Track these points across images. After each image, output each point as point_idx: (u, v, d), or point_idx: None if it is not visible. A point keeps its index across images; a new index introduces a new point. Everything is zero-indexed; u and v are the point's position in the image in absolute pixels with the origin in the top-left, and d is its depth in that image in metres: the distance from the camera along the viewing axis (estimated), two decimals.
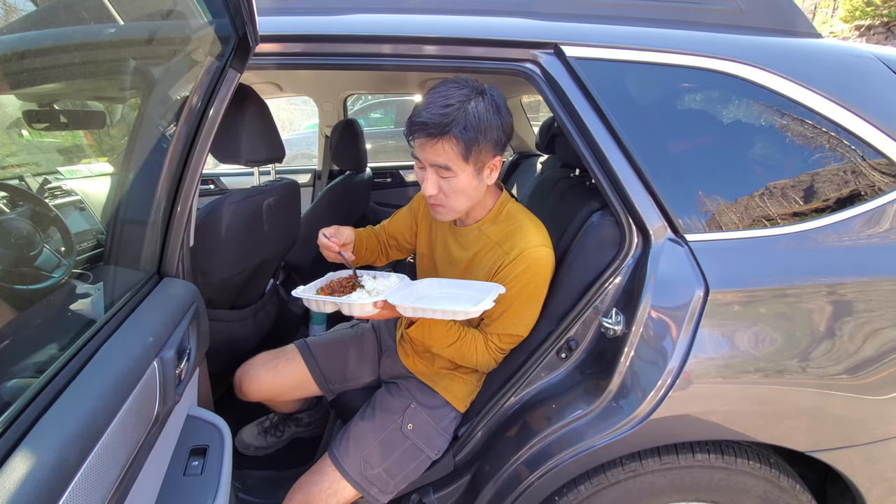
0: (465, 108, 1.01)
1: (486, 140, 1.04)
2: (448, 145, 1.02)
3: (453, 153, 1.03)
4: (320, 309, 1.05)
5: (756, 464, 1.06)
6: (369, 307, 1.01)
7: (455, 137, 1.01)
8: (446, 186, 1.08)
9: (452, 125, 1.00)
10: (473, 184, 1.08)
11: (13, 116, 1.29)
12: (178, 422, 0.93)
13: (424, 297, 1.11)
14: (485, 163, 1.07)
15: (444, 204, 1.11)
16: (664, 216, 1.02)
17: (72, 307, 0.86)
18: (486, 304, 0.95)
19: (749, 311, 0.99)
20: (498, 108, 1.05)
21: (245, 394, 1.38)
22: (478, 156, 1.04)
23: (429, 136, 1.03)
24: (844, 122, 1.02)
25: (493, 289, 1.05)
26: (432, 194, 1.09)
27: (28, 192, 1.34)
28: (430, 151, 1.05)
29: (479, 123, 1.01)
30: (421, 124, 1.03)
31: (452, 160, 1.04)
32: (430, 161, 1.06)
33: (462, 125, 1.01)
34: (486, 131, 1.03)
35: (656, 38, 1.08)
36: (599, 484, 1.07)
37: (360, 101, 6.64)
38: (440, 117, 1.00)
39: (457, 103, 1.01)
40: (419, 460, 1.20)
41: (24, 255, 1.03)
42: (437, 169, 1.06)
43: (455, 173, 1.05)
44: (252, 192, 1.42)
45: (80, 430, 0.54)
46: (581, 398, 1.06)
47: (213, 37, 0.94)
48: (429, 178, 1.08)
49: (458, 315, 0.97)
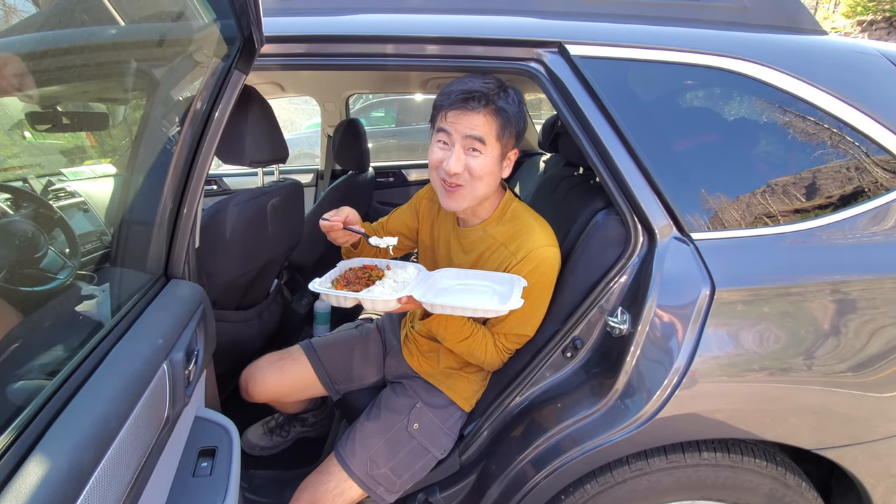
0: (507, 88, 1.06)
1: (514, 127, 1.08)
2: (489, 117, 1.05)
3: (490, 127, 1.05)
4: (340, 304, 1.02)
5: (762, 462, 1.06)
6: (393, 303, 0.99)
7: (496, 110, 1.04)
8: (473, 164, 1.06)
9: (497, 98, 1.04)
10: (495, 169, 1.09)
11: (16, 118, 1.30)
12: (187, 423, 0.93)
13: (445, 290, 1.10)
14: (507, 151, 1.10)
15: (465, 185, 1.09)
16: (669, 215, 1.02)
17: (79, 309, 0.87)
18: (516, 303, 0.94)
19: (755, 309, 0.99)
20: (521, 101, 1.10)
21: (251, 395, 1.38)
22: (506, 140, 1.08)
23: (470, 107, 1.04)
24: (849, 119, 1.02)
25: (512, 280, 1.04)
26: (457, 172, 1.07)
27: (32, 194, 1.34)
28: (468, 121, 1.05)
29: (514, 108, 1.07)
30: (466, 92, 1.04)
31: (488, 134, 1.05)
32: (465, 132, 1.05)
33: (505, 101, 1.05)
34: (516, 117, 1.08)
35: (660, 36, 1.08)
36: (605, 483, 1.07)
37: (361, 100, 6.63)
38: (486, 88, 1.04)
39: (495, 85, 1.06)
40: (425, 460, 1.20)
41: (28, 257, 1.03)
42: (468, 142, 1.06)
43: (485, 151, 1.06)
44: (256, 193, 1.42)
45: (93, 432, 0.54)
46: (587, 397, 1.07)
47: (219, 38, 0.94)
48: (457, 153, 1.06)
49: (488, 313, 0.97)
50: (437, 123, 1.10)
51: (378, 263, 1.18)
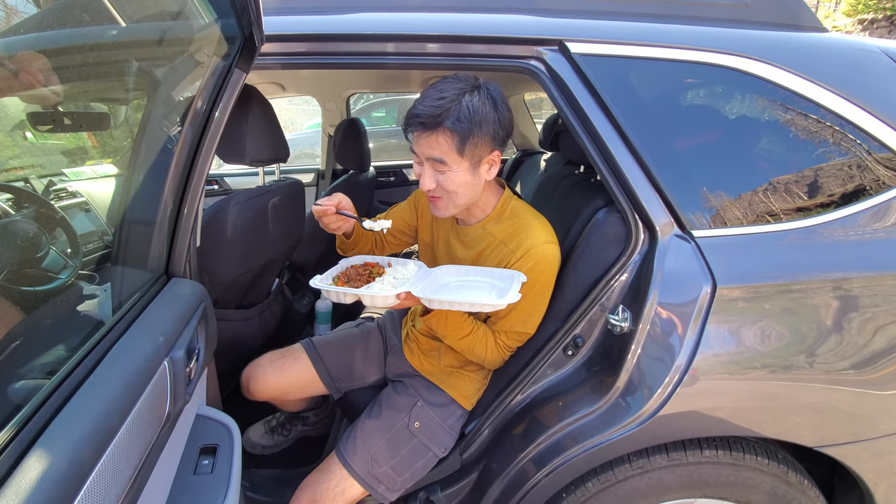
0: (459, 100, 1.01)
1: (482, 133, 1.03)
2: (442, 138, 1.02)
3: (447, 146, 1.03)
4: (340, 300, 1.03)
5: (764, 459, 1.06)
6: (392, 299, 1.00)
7: (449, 130, 1.01)
8: (443, 180, 1.07)
9: (445, 117, 1.01)
10: (469, 179, 1.08)
11: (17, 118, 1.30)
12: (188, 421, 0.93)
13: (445, 286, 1.10)
14: (482, 157, 1.07)
15: (443, 198, 1.11)
16: (670, 212, 1.02)
17: (81, 308, 0.87)
18: (513, 297, 0.94)
19: (756, 306, 0.99)
20: (494, 102, 1.05)
21: (252, 393, 1.38)
22: (473, 150, 1.04)
23: (423, 129, 1.03)
24: (850, 116, 1.02)
25: (512, 276, 1.04)
26: (430, 188, 1.09)
27: (33, 194, 1.34)
28: (425, 144, 1.05)
29: (473, 116, 1.01)
30: (415, 116, 1.04)
31: (447, 153, 1.03)
32: (425, 155, 1.06)
33: (455, 117, 1.01)
34: (480, 124, 1.02)
35: (661, 34, 1.07)
36: (607, 481, 1.07)
37: (361, 100, 6.64)
38: (433, 109, 1.01)
39: (451, 96, 1.02)
40: (426, 458, 1.20)
41: (30, 257, 1.03)
42: (433, 163, 1.06)
43: (450, 167, 1.05)
44: (257, 192, 1.43)
45: (94, 429, 0.54)
46: (588, 395, 1.06)
47: (219, 36, 0.94)
48: (426, 172, 1.08)
49: (485, 307, 0.97)
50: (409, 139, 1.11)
51: (379, 261, 1.18)
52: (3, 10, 0.76)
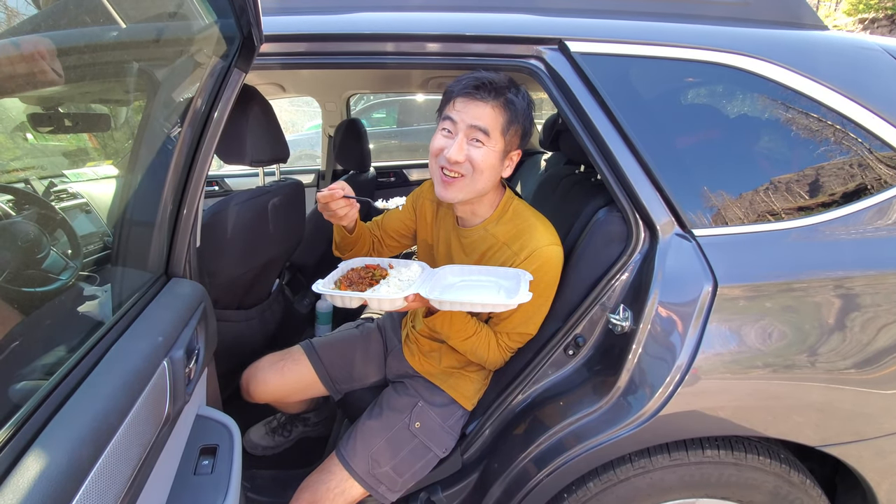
0: (513, 85, 1.07)
1: (521, 126, 1.08)
2: (497, 110, 1.05)
3: (497, 120, 1.05)
4: (345, 304, 1.01)
5: (766, 459, 1.06)
6: (400, 301, 0.99)
7: (505, 104, 1.05)
8: (475, 155, 1.06)
9: (507, 91, 1.05)
10: (497, 165, 1.09)
11: (18, 120, 1.30)
12: (188, 421, 0.93)
13: (451, 287, 1.09)
14: (510, 149, 1.10)
15: (466, 175, 1.08)
16: (671, 211, 1.02)
17: (81, 308, 0.87)
18: (524, 296, 0.93)
19: (757, 305, 0.98)
20: (530, 103, 1.10)
21: (252, 396, 1.38)
22: (512, 136, 1.08)
23: (480, 97, 1.04)
24: (851, 115, 1.02)
25: (518, 275, 1.04)
26: (458, 160, 1.06)
27: (34, 196, 1.34)
28: (475, 111, 1.05)
29: (523, 105, 1.08)
30: (479, 80, 1.05)
31: (493, 127, 1.05)
32: (471, 121, 1.05)
33: (514, 96, 1.06)
34: (524, 116, 1.08)
35: (661, 33, 1.07)
36: (608, 481, 1.06)
37: (362, 101, 6.64)
38: (500, 80, 1.05)
39: (506, 80, 1.07)
40: (427, 458, 1.20)
41: (31, 258, 1.03)
42: (473, 131, 1.05)
43: (488, 143, 1.06)
44: (257, 193, 1.42)
45: (92, 429, 0.54)
46: (589, 395, 1.06)
47: (218, 36, 0.94)
48: (459, 141, 1.06)
49: (497, 308, 0.97)
50: (445, 111, 1.10)
51: (380, 262, 1.18)
52: (3, 12, 0.76)
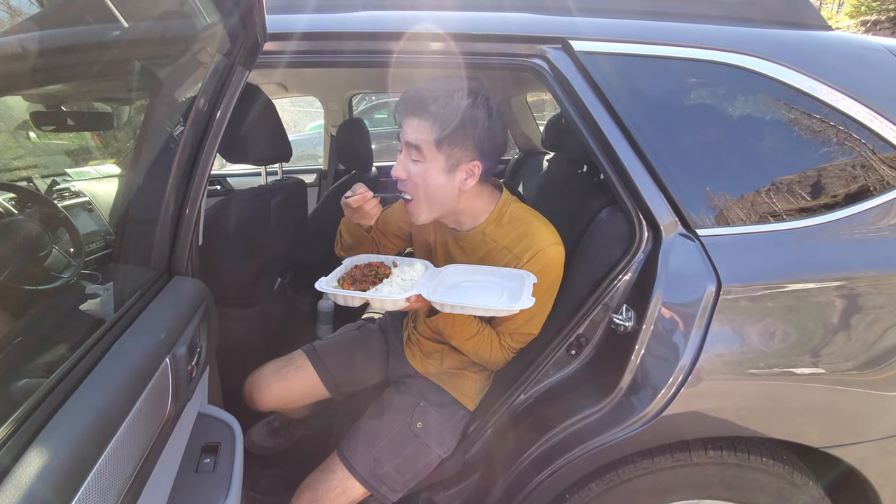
0: (450, 96, 1.01)
1: (465, 136, 1.02)
2: (424, 124, 1.02)
3: (426, 134, 1.02)
4: (347, 303, 1.00)
5: (769, 460, 1.05)
6: (402, 302, 0.98)
7: (431, 118, 1.01)
8: (415, 172, 1.06)
9: (431, 104, 1.01)
10: (442, 180, 1.05)
11: (21, 118, 1.30)
12: (190, 419, 0.93)
13: (453, 287, 1.07)
14: (459, 162, 1.05)
15: (414, 195, 1.08)
16: (675, 211, 1.01)
17: (83, 306, 0.87)
18: (527, 302, 0.92)
19: (761, 306, 0.98)
20: (490, 111, 1.04)
21: (256, 404, 1.36)
22: (451, 149, 1.03)
23: (407, 110, 1.03)
24: (855, 115, 1.01)
25: (522, 276, 1.03)
26: (399, 177, 1.07)
27: (37, 194, 1.35)
28: (407, 127, 1.05)
29: (460, 115, 1.01)
30: (407, 94, 1.04)
31: (424, 142, 1.03)
32: (405, 138, 1.06)
33: (442, 109, 1.01)
34: (464, 125, 1.01)
35: (665, 32, 1.07)
36: (611, 482, 1.06)
37: (364, 101, 6.65)
38: (423, 92, 1.02)
39: (443, 91, 1.02)
40: (428, 458, 1.19)
41: (33, 256, 1.04)
42: (409, 149, 1.05)
43: (425, 158, 1.04)
44: (259, 191, 1.43)
45: (94, 426, 0.54)
46: (591, 395, 1.06)
47: (222, 34, 0.94)
48: (400, 158, 1.07)
49: (499, 313, 0.96)
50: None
51: (384, 260, 1.17)
52: (5, 11, 0.76)
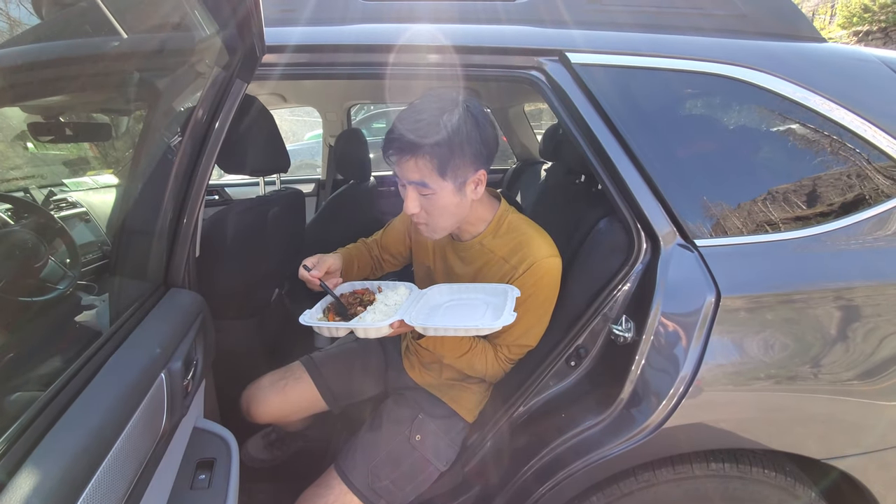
0: (437, 121, 0.98)
1: (463, 154, 1.00)
2: (422, 162, 0.99)
3: (428, 170, 1.00)
4: (332, 334, 1.00)
5: (771, 472, 1.04)
6: (385, 329, 0.98)
7: (428, 154, 0.98)
8: (427, 204, 1.05)
9: (423, 140, 0.98)
10: (455, 200, 1.05)
11: (18, 129, 1.30)
12: (185, 434, 0.92)
13: (437, 307, 1.07)
14: (466, 178, 1.04)
15: (428, 223, 1.09)
16: (673, 221, 1.01)
17: (79, 318, 0.86)
18: (508, 318, 0.92)
19: (760, 316, 0.98)
20: (476, 120, 1.02)
21: (254, 416, 1.35)
22: (455, 171, 1.01)
23: (401, 155, 1.00)
24: (850, 126, 1.02)
25: (505, 291, 1.03)
26: (415, 213, 1.06)
27: (33, 204, 1.34)
28: (405, 168, 1.02)
29: (452, 137, 0.98)
30: (391, 140, 1.01)
31: (428, 177, 1.01)
32: (407, 178, 1.03)
33: (434, 140, 0.97)
34: (461, 145, 0.99)
35: (661, 44, 1.08)
36: (612, 495, 1.05)
37: (362, 111, 6.68)
38: (410, 133, 0.98)
39: (428, 117, 0.98)
40: (427, 472, 1.18)
41: (29, 267, 1.03)
42: (416, 186, 1.03)
43: (434, 190, 1.02)
44: (257, 202, 1.42)
45: (88, 443, 0.53)
46: (591, 407, 1.05)
47: (220, 47, 0.95)
48: (409, 196, 1.05)
49: (481, 331, 0.95)
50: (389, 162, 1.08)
51: (369, 286, 1.17)
52: (5, 22, 0.76)
